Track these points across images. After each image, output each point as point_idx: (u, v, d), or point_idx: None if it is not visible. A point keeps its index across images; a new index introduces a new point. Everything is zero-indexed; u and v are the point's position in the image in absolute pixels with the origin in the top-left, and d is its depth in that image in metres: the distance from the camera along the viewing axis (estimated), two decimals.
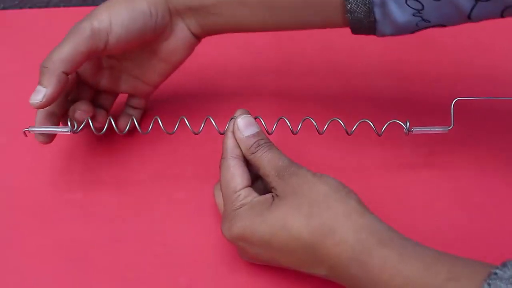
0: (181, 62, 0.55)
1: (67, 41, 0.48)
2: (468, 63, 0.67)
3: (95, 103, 0.56)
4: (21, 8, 0.78)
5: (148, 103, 0.60)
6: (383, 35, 0.49)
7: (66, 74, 0.48)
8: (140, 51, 0.53)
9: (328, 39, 0.68)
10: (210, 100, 0.63)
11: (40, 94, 0.48)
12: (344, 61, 0.66)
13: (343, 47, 0.68)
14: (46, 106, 0.48)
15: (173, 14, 0.51)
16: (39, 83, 0.48)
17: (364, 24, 0.48)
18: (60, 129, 0.51)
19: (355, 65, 0.66)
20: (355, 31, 0.49)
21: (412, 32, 0.49)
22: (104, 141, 0.59)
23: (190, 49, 0.54)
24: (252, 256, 0.46)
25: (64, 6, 0.79)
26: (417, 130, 0.51)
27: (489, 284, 0.34)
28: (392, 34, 0.49)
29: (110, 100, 0.58)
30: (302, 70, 0.66)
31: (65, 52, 0.48)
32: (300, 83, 0.65)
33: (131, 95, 0.58)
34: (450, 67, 0.66)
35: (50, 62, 0.48)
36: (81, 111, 0.52)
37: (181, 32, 0.52)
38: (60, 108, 0.53)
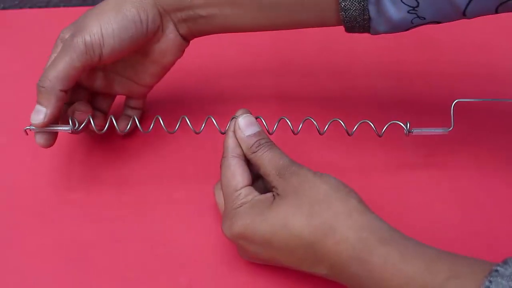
0: (171, 63, 0.54)
1: (61, 58, 0.48)
2: (467, 63, 0.67)
3: (93, 107, 0.56)
4: (21, 8, 0.78)
5: (146, 103, 0.59)
6: (377, 33, 0.49)
7: (64, 91, 0.49)
8: (132, 53, 0.53)
9: (328, 40, 0.68)
10: (210, 100, 0.63)
11: (41, 114, 0.48)
12: (344, 62, 0.66)
13: (343, 48, 0.68)
14: (48, 125, 0.49)
15: (163, 15, 0.51)
16: (38, 102, 0.48)
17: (358, 22, 0.48)
18: (61, 128, 0.50)
19: (355, 66, 0.66)
20: (349, 29, 0.49)
21: (407, 29, 0.49)
22: (104, 141, 0.59)
23: (180, 51, 0.54)
24: (252, 255, 0.46)
25: (64, 6, 0.79)
26: (417, 131, 0.51)
27: (490, 281, 0.34)
28: (386, 32, 0.49)
29: (107, 103, 0.57)
30: (303, 70, 0.66)
31: (61, 70, 0.48)
32: (300, 84, 0.65)
33: (127, 97, 0.58)
34: (449, 67, 0.66)
35: (47, 81, 0.48)
36: (80, 111, 0.52)
37: (171, 34, 0.52)
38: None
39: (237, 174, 0.47)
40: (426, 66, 0.67)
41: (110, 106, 0.58)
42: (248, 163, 0.48)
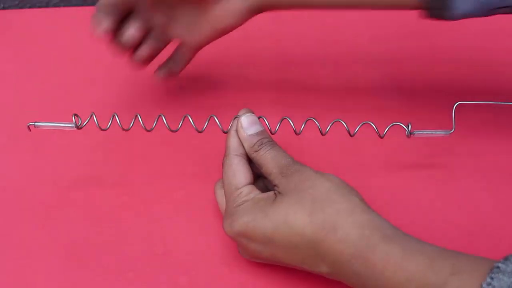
0: (225, 31, 0.53)
1: None
2: (468, 66, 0.67)
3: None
4: (21, 8, 0.78)
5: (190, 60, 0.58)
6: (457, 15, 0.46)
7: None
8: (193, 5, 0.52)
9: (331, 41, 0.69)
10: (212, 100, 0.63)
11: (102, 25, 0.51)
12: (346, 63, 0.66)
13: (345, 49, 0.68)
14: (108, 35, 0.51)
15: None
16: (97, 14, 0.50)
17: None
18: (64, 125, 0.51)
19: (357, 67, 0.66)
20: (427, 10, 0.46)
21: (491, 12, 0.46)
22: (105, 140, 0.59)
23: (239, 21, 0.52)
24: (253, 253, 0.46)
25: (64, 6, 0.79)
26: (418, 133, 0.51)
27: (492, 278, 0.35)
28: (468, 13, 0.46)
29: (158, 44, 0.57)
30: (305, 71, 0.66)
31: None
32: (302, 84, 0.65)
33: (178, 45, 0.58)
34: (451, 70, 0.66)
35: None
36: (134, 28, 0.52)
37: (233, 0, 0.51)
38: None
39: (239, 173, 0.47)
40: (428, 68, 0.67)
41: (159, 51, 0.57)
42: (250, 162, 0.48)
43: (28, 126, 0.50)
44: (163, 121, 0.51)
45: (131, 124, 0.54)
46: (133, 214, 0.54)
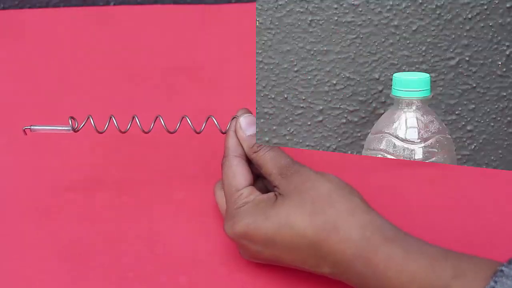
0: None
1: None
2: None
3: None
4: (21, 8, 0.78)
5: None
6: None
7: None
8: None
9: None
10: (210, 100, 0.63)
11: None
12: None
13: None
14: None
15: None
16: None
17: None
18: (61, 128, 0.51)
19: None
20: None
21: None
22: (105, 140, 0.59)
23: None
24: (254, 254, 0.46)
25: (64, 6, 0.79)
26: None
27: (495, 282, 0.34)
28: None
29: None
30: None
31: None
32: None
33: None
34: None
35: None
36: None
37: None
38: None
39: (239, 174, 0.47)
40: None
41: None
42: (249, 162, 0.48)
43: (24, 130, 0.50)
44: (161, 122, 0.51)
45: (129, 126, 0.54)
46: (133, 214, 0.54)
